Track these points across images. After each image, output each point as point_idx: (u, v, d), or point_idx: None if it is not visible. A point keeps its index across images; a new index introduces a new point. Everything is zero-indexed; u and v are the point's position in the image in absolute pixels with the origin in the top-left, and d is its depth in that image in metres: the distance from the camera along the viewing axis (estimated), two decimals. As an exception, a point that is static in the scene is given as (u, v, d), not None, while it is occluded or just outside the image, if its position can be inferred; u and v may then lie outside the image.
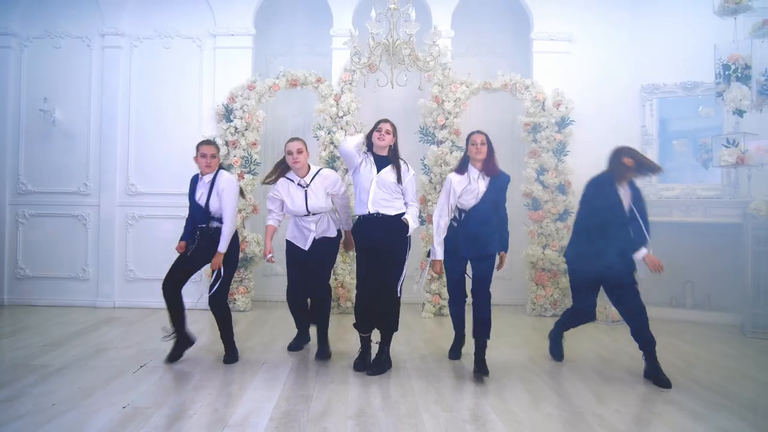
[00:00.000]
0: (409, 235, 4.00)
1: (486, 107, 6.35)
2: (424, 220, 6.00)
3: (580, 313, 4.15)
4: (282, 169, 4.28)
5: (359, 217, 3.98)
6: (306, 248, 4.22)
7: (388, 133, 3.98)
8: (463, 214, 4.04)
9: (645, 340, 3.92)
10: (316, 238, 4.22)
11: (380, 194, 3.88)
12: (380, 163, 3.95)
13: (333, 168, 5.99)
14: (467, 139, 4.12)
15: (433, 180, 5.94)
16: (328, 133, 5.95)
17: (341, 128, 5.95)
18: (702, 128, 6.24)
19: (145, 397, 3.34)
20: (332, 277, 5.92)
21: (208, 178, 4.20)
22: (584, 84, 6.16)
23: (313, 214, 4.19)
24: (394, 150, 4.01)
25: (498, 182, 4.04)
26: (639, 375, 3.92)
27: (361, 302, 3.98)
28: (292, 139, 4.20)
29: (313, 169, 4.22)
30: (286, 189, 4.19)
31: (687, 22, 5.96)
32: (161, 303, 5.98)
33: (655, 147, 6.18)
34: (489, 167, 4.02)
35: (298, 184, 4.16)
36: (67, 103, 6.20)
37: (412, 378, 3.81)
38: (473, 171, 4.03)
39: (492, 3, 6.59)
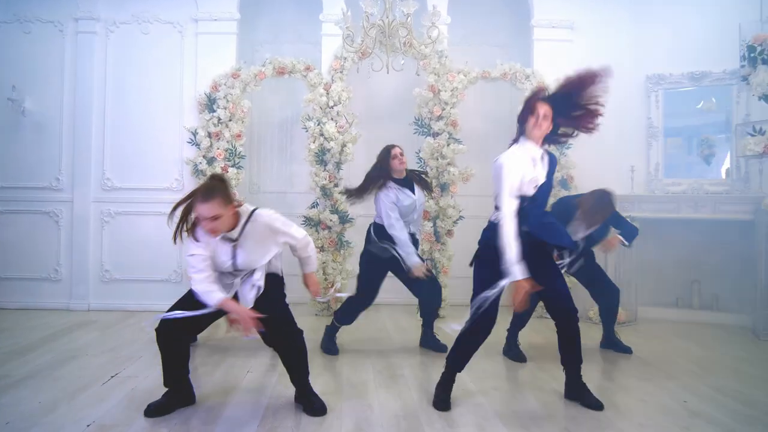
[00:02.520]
0: None
1: (484, 98, 6.05)
2: (420, 216, 5.68)
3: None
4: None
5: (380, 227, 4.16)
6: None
7: (403, 155, 4.17)
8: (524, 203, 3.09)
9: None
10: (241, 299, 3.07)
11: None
12: (404, 185, 4.16)
13: (323, 161, 5.65)
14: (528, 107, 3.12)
15: (429, 174, 5.61)
16: (318, 125, 5.61)
17: (331, 119, 5.61)
18: (703, 123, 6.01)
19: (113, 413, 2.98)
20: (323, 277, 5.59)
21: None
22: (587, 74, 5.85)
23: (239, 271, 3.08)
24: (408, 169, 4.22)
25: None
26: (654, 381, 3.62)
27: (359, 299, 4.22)
28: (204, 199, 2.77)
29: (243, 216, 2.97)
30: (207, 242, 2.98)
31: (695, 8, 5.70)
32: (139, 305, 5.73)
33: (661, 140, 5.91)
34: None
35: (224, 238, 3.02)
36: (37, 92, 5.79)
37: (411, 389, 3.48)
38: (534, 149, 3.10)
39: (490, -11, 6.29)
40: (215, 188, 2.81)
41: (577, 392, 3.22)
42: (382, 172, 4.15)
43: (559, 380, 3.48)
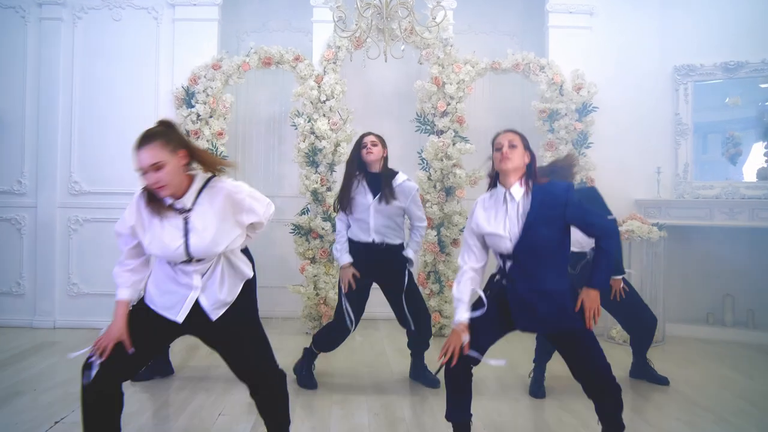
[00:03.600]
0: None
1: (494, 91, 5.49)
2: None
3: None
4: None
5: (358, 243, 3.61)
6: (179, 319, 2.28)
7: (375, 145, 3.57)
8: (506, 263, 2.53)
9: None
10: (204, 306, 2.30)
11: (382, 221, 3.56)
12: (374, 183, 3.57)
13: (314, 163, 5.08)
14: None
15: (432, 177, 5.04)
16: (309, 121, 5.04)
17: (324, 115, 5.03)
18: (729, 119, 5.47)
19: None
20: (314, 292, 5.01)
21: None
22: (608, 65, 5.30)
23: (198, 261, 2.29)
24: (385, 164, 3.62)
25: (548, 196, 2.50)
26: (698, 425, 3.05)
27: (339, 325, 3.61)
28: (142, 143, 2.15)
29: (198, 181, 2.28)
30: (141, 216, 2.27)
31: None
32: (109, 322, 5.11)
33: (690, 138, 5.33)
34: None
35: (173, 208, 2.26)
36: (-4, 85, 5.22)
37: (411, 427, 2.91)
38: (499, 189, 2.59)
39: (499, -29, 5.71)
40: (155, 131, 2.19)
41: None
42: (355, 166, 3.61)
43: (587, 424, 2.92)
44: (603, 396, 2.44)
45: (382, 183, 3.56)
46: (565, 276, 2.50)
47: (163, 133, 2.18)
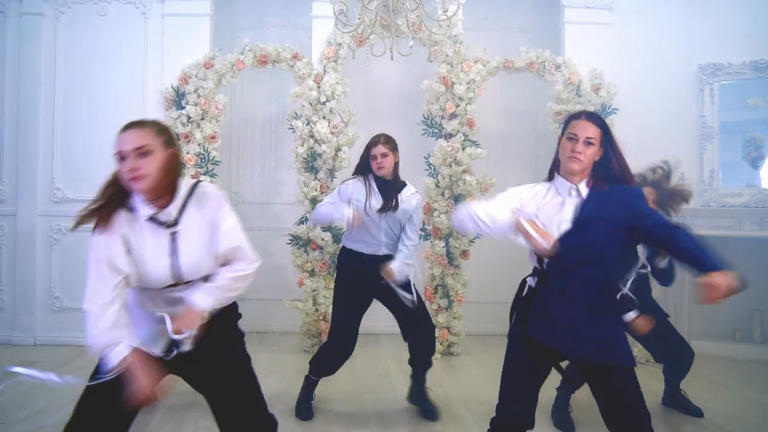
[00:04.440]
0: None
1: (506, 92, 5.16)
2: (429, 233, 4.77)
3: None
4: (117, 193, 1.98)
5: (355, 252, 3.33)
6: (159, 353, 1.95)
7: (386, 155, 3.27)
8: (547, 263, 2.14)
9: None
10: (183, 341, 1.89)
11: (390, 233, 3.31)
12: (384, 189, 3.29)
13: (313, 168, 4.75)
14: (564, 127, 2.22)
15: (440, 184, 4.71)
16: (307, 124, 4.70)
17: (323, 117, 4.70)
18: (752, 120, 5.14)
19: None
20: (313, 307, 4.67)
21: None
22: (628, 63, 4.98)
23: (186, 284, 1.97)
24: (395, 171, 3.35)
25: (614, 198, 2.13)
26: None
27: (337, 347, 3.29)
28: (130, 126, 1.93)
29: (183, 188, 1.98)
30: (116, 238, 1.94)
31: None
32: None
33: (716, 142, 5.00)
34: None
35: (155, 221, 1.94)
36: (-27, 85, 4.90)
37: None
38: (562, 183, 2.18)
39: (511, -37, 5.39)
40: (149, 119, 1.96)
41: None
42: (367, 170, 3.34)
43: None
44: None
45: (390, 193, 3.28)
46: (614, 296, 2.08)
47: (157, 124, 1.93)
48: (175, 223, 1.90)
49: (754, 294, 4.80)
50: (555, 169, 2.19)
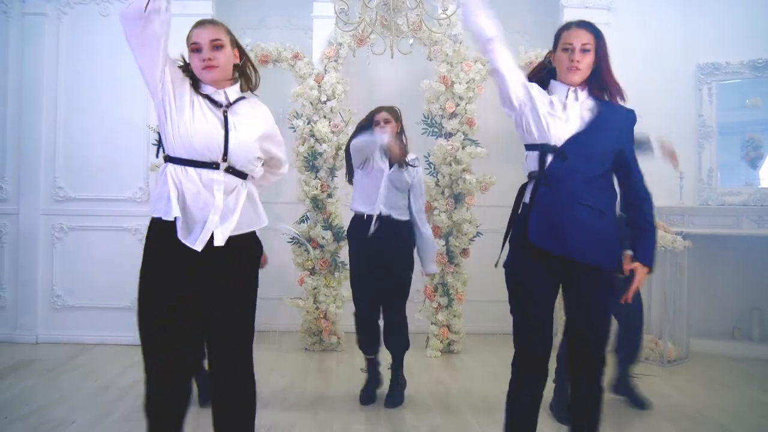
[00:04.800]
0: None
1: (506, 91, 5.16)
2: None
3: None
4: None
5: (358, 216, 3.47)
6: (198, 247, 1.94)
7: (388, 122, 3.40)
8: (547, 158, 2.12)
9: None
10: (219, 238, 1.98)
11: (392, 194, 3.40)
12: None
13: (314, 167, 4.78)
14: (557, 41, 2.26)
15: (440, 183, 4.73)
16: (308, 123, 4.73)
17: (324, 116, 4.73)
18: (751, 120, 5.18)
19: None
20: (314, 306, 4.69)
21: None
22: (627, 63, 4.89)
23: (228, 171, 2.02)
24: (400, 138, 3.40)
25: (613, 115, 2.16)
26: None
27: (359, 318, 3.51)
28: (204, 23, 2.11)
29: (239, 84, 2.17)
30: (183, 91, 2.04)
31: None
32: (96, 337, 4.87)
33: (714, 142, 5.03)
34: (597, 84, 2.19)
35: (211, 100, 2.06)
36: (-25, 85, 4.93)
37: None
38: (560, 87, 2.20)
39: (510, -35, 5.40)
40: (217, 20, 2.19)
41: None
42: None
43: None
44: (589, 360, 2.11)
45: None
46: (613, 205, 2.13)
47: (226, 25, 2.13)
48: (229, 105, 2.05)
49: (753, 292, 4.88)
50: (542, 75, 2.24)
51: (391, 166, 3.40)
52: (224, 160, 1.98)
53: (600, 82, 2.14)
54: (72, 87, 4.99)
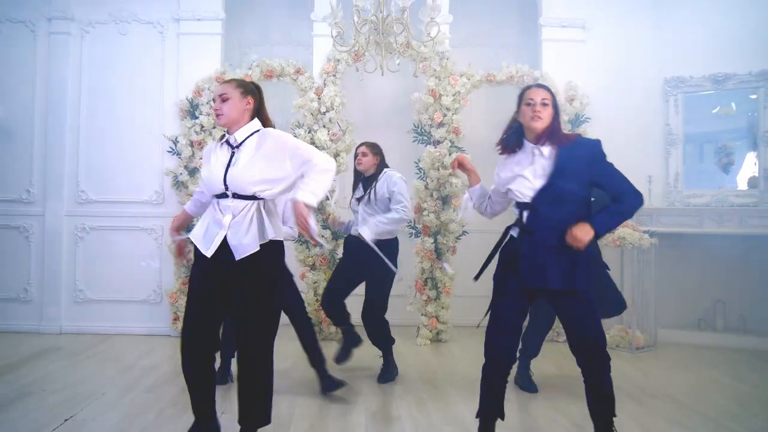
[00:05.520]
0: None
1: (489, 102, 5.61)
2: (420, 231, 5.23)
3: None
4: None
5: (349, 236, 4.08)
6: (208, 253, 2.52)
7: (365, 155, 3.95)
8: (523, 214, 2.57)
9: None
10: (230, 243, 2.50)
11: (367, 219, 3.87)
12: (366, 184, 3.98)
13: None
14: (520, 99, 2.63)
15: (429, 186, 5.18)
16: (309, 132, 5.18)
17: (323, 126, 5.18)
18: (721, 129, 5.59)
19: (56, 471, 2.54)
20: (314, 298, 5.13)
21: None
22: (601, 77, 5.42)
23: (234, 197, 2.52)
24: (378, 169, 3.97)
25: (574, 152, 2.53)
26: (688, 426, 3.16)
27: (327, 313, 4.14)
28: (225, 81, 2.74)
29: (252, 125, 2.62)
30: (209, 152, 2.70)
31: (718, 5, 5.26)
32: (115, 328, 5.31)
33: (680, 148, 5.46)
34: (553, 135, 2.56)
35: (228, 143, 2.61)
36: (6, 97, 5.37)
37: (409, 435, 3.03)
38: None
39: (494, -14, 5.86)
40: (239, 78, 2.86)
41: None
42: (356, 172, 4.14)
43: (575, 420, 3.05)
44: (593, 362, 2.50)
45: (368, 185, 3.94)
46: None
47: (241, 81, 2.67)
48: (239, 146, 2.55)
49: (716, 286, 5.30)
50: (514, 137, 2.61)
51: (359, 198, 3.98)
52: (226, 189, 2.50)
53: (557, 130, 2.56)
54: (93, 99, 5.43)
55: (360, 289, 4.03)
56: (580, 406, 2.71)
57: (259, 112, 2.65)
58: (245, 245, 2.46)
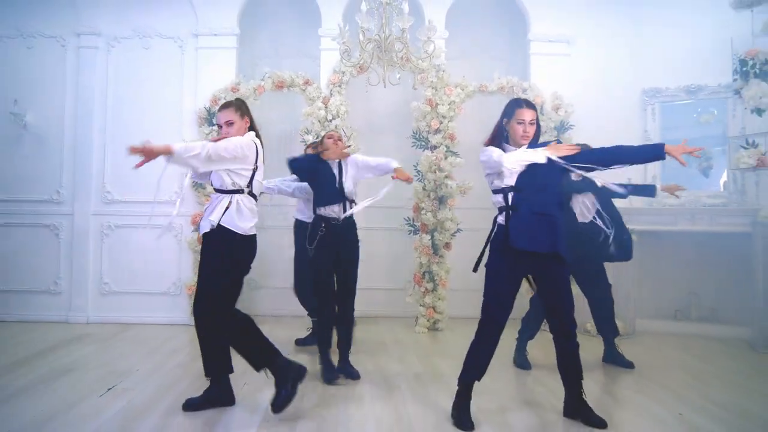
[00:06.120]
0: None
1: (482, 111, 6.02)
2: (418, 229, 5.70)
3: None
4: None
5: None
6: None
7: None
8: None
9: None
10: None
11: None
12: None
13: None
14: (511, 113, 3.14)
15: (427, 187, 5.65)
16: (316, 138, 5.64)
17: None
18: (701, 136, 6.03)
19: (110, 424, 3.00)
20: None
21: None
22: (584, 87, 5.90)
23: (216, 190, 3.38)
24: None
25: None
26: (650, 395, 3.62)
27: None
28: (222, 107, 3.40)
29: (248, 136, 3.39)
30: None
31: (691, 22, 5.73)
32: (138, 318, 5.77)
33: (658, 153, 5.91)
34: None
35: None
36: (39, 106, 5.85)
37: (407, 401, 3.49)
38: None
39: (487, 4, 6.34)
40: (233, 101, 3.37)
41: (578, 410, 3.13)
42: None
43: (557, 396, 3.47)
44: (564, 326, 3.04)
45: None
46: (560, 208, 3.07)
47: (237, 104, 3.33)
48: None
49: (691, 280, 5.75)
50: (501, 140, 3.10)
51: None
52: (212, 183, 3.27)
53: (536, 138, 3.13)
54: (118, 108, 5.91)
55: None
56: (561, 383, 3.21)
57: (251, 122, 3.35)
58: (205, 223, 3.17)
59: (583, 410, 3.12)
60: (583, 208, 4.41)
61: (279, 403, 3.08)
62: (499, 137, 3.15)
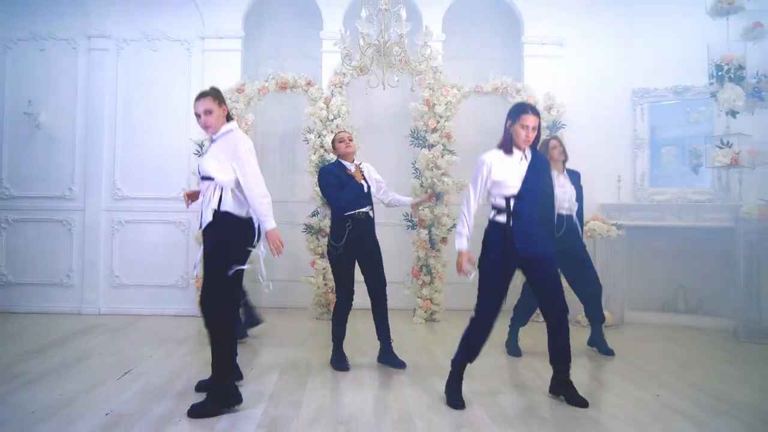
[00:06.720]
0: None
1: (477, 111, 6.30)
2: (416, 224, 5.93)
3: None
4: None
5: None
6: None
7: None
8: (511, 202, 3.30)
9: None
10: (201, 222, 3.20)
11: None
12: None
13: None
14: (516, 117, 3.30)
15: (424, 184, 5.88)
16: (318, 137, 5.88)
17: (331, 131, 5.88)
18: (692, 134, 6.24)
19: (128, 405, 3.23)
20: (323, 282, 5.82)
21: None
22: (575, 88, 6.13)
23: (203, 180, 3.20)
24: None
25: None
26: (633, 379, 3.86)
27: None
28: (200, 97, 3.25)
29: (227, 126, 3.26)
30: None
31: (678, 26, 5.96)
32: (148, 309, 6.01)
33: (647, 151, 6.16)
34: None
35: (211, 140, 3.32)
36: (51, 106, 6.09)
37: (404, 385, 3.73)
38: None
39: (483, 7, 6.56)
40: (209, 91, 3.27)
41: (563, 389, 3.38)
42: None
43: (546, 380, 3.66)
44: (556, 312, 3.30)
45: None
46: (551, 219, 3.55)
47: (214, 93, 3.25)
48: (212, 142, 3.26)
49: (678, 273, 5.98)
50: (508, 143, 3.32)
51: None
52: (200, 174, 3.20)
53: (536, 141, 3.37)
54: (128, 108, 6.14)
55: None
56: (550, 369, 3.45)
57: (227, 111, 3.31)
58: (204, 218, 3.13)
59: (567, 389, 3.36)
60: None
61: (197, 412, 3.06)
62: (508, 141, 3.35)
